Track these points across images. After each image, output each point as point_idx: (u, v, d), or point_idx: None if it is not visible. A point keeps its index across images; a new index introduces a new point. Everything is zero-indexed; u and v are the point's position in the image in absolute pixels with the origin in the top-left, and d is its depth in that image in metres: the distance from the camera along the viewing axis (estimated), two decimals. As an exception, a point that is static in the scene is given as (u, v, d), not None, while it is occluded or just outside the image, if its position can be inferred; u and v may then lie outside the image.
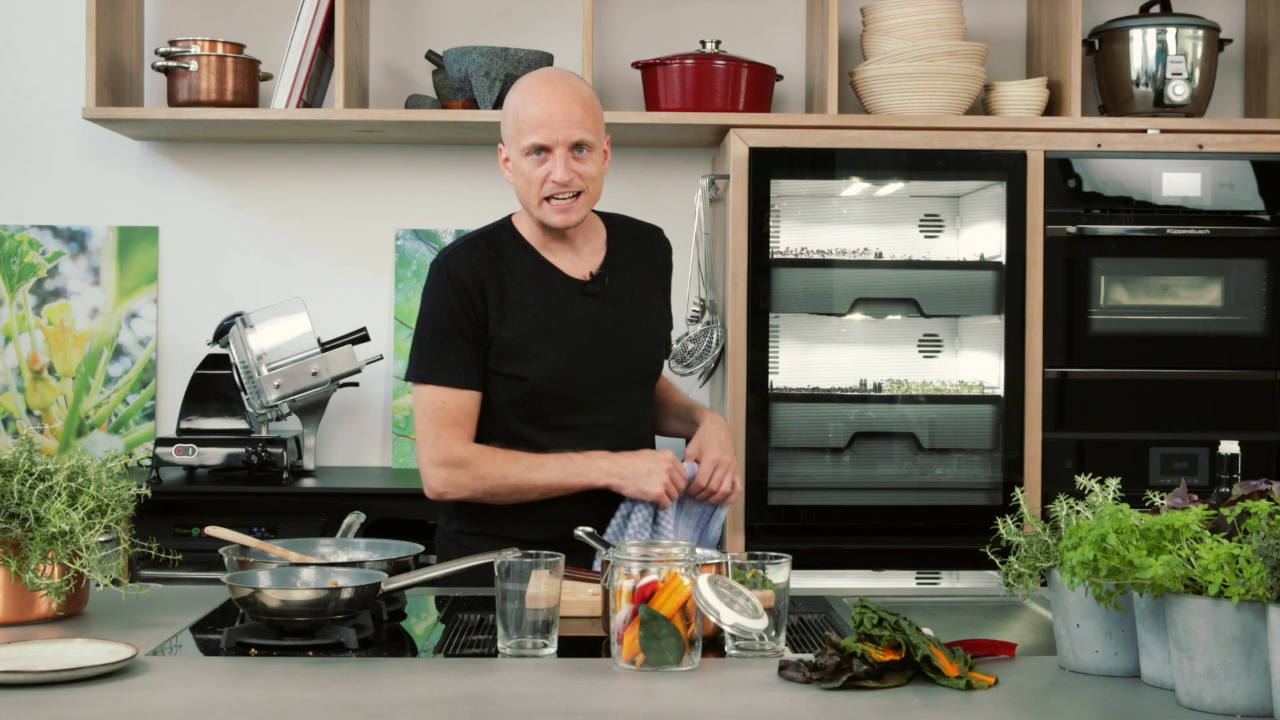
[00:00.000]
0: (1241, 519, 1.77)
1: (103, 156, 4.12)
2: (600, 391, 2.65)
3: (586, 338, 2.64)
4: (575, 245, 2.69)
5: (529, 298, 2.63)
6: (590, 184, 2.61)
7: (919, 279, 3.77)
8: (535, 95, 2.58)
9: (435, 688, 1.84)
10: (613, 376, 2.67)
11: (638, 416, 2.72)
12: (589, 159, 2.59)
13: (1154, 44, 3.81)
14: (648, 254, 2.80)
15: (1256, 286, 3.71)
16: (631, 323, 2.70)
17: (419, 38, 4.14)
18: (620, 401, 2.68)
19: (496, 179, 4.14)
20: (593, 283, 2.67)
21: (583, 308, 2.66)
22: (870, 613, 1.88)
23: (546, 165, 2.57)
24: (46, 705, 1.74)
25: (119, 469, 2.25)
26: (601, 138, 2.64)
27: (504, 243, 2.69)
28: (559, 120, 2.55)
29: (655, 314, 2.78)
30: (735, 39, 4.07)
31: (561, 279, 2.67)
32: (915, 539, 3.68)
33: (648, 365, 2.75)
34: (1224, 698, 1.71)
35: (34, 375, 4.08)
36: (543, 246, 2.68)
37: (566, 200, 2.59)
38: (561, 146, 2.55)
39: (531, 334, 2.61)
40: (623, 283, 2.71)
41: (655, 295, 2.79)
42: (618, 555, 1.96)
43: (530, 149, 2.57)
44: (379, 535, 2.74)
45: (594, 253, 2.72)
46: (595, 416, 2.64)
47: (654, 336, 2.77)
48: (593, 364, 2.64)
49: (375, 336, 4.03)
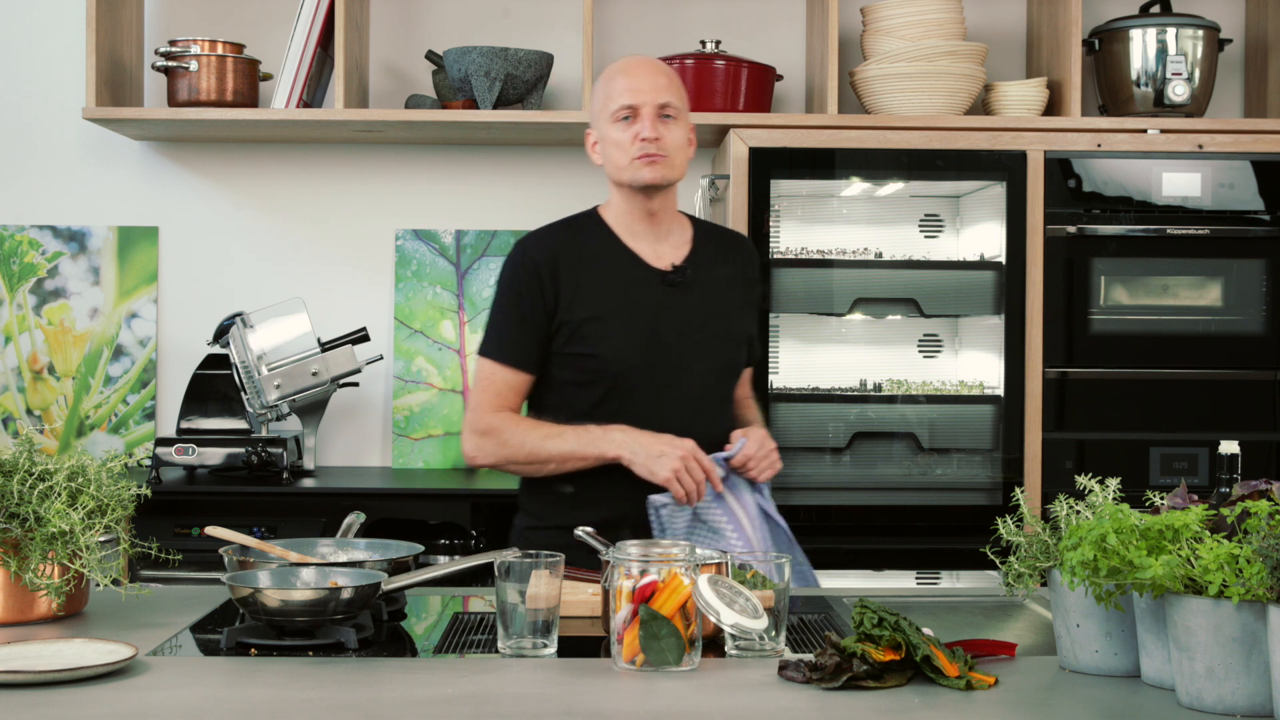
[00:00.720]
0: (1241, 519, 1.77)
1: (103, 156, 4.12)
2: (672, 381, 2.64)
3: (662, 324, 2.65)
4: (659, 235, 2.71)
5: (606, 281, 2.66)
6: (676, 152, 2.65)
7: (919, 279, 3.77)
8: (623, 67, 2.71)
9: (435, 688, 1.84)
10: (687, 367, 2.66)
11: (712, 415, 2.69)
12: (674, 127, 2.65)
13: (1154, 44, 3.81)
14: (733, 257, 2.81)
15: (1256, 286, 3.71)
16: (711, 317, 2.70)
17: (419, 38, 4.14)
18: (694, 396, 2.66)
19: (496, 179, 4.16)
20: (674, 273, 2.69)
21: (661, 296, 2.67)
22: (870, 613, 1.88)
23: (635, 126, 2.63)
24: (46, 705, 1.74)
25: (119, 469, 2.25)
26: (685, 110, 2.69)
27: (586, 229, 2.73)
28: (646, 86, 2.65)
29: (737, 314, 2.76)
30: (735, 39, 4.07)
31: (642, 266, 2.69)
32: (915, 539, 3.68)
33: (725, 362, 2.73)
34: (1224, 698, 1.71)
35: (34, 375, 4.08)
36: (626, 233, 2.71)
37: (655, 155, 2.63)
38: (649, 106, 2.63)
39: (604, 315, 2.63)
40: (705, 278, 2.72)
41: (739, 297, 2.78)
42: (618, 555, 1.96)
43: (619, 113, 2.64)
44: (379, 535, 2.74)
45: (677, 246, 2.73)
46: (665, 408, 2.63)
47: (733, 335, 2.75)
48: (666, 351, 2.64)
49: (375, 336, 4.03)
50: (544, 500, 2.69)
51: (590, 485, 2.63)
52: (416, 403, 4.10)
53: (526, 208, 4.13)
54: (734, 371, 2.77)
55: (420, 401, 4.10)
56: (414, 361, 4.10)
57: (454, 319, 4.11)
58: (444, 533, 3.64)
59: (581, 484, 2.63)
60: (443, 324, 4.11)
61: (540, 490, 2.70)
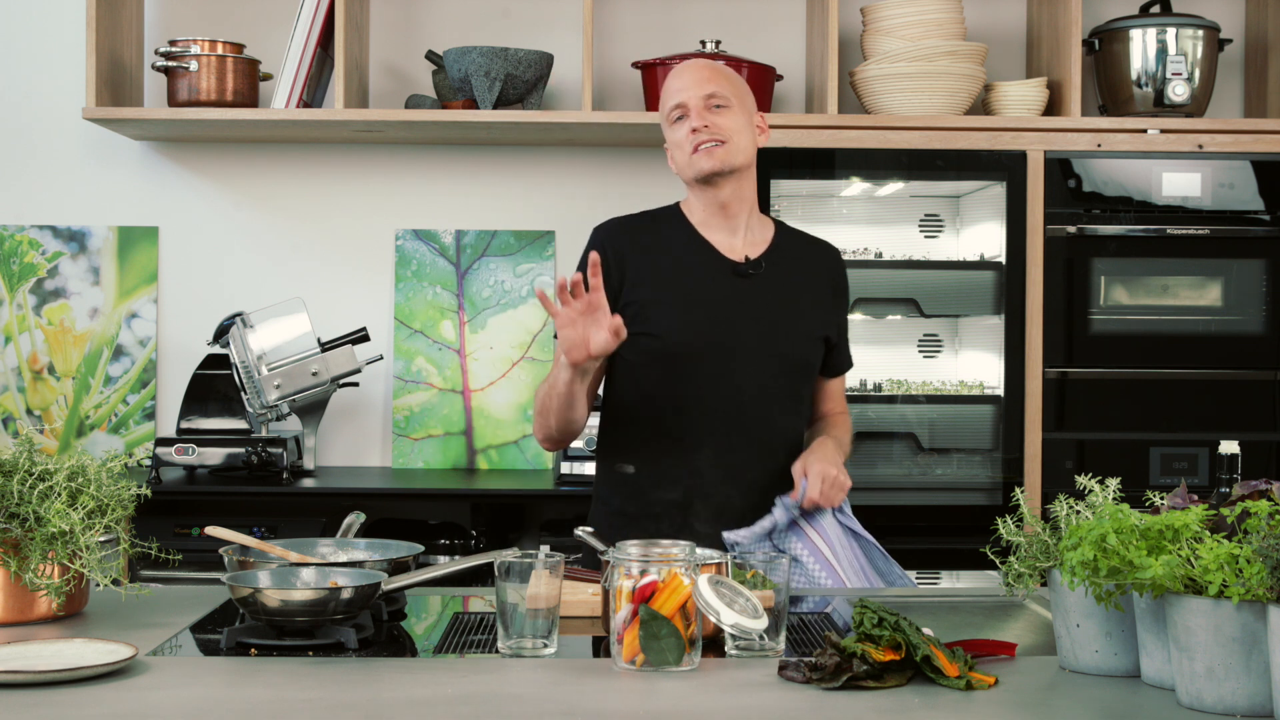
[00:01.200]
0: (1241, 519, 1.77)
1: (103, 156, 4.12)
2: (733, 370, 2.64)
3: (728, 311, 2.65)
4: (734, 228, 2.72)
5: (675, 265, 2.68)
6: (734, 136, 2.66)
7: (919, 279, 3.77)
8: (673, 72, 2.76)
9: (435, 688, 1.84)
10: (749, 358, 2.65)
11: (772, 411, 2.68)
12: (727, 114, 2.66)
13: (1154, 44, 3.81)
14: (818, 260, 2.80)
15: (1256, 286, 3.71)
16: (781, 312, 2.69)
17: (419, 38, 4.14)
18: (754, 387, 2.65)
19: (496, 179, 4.16)
20: (747, 264, 2.69)
21: (730, 285, 2.68)
22: (870, 613, 1.88)
23: (688, 122, 2.66)
24: (46, 705, 1.74)
25: (119, 469, 2.25)
26: (743, 101, 2.70)
27: (664, 219, 2.75)
28: (690, 82, 2.69)
29: (811, 312, 2.74)
30: (735, 39, 4.07)
31: (715, 255, 2.70)
32: (915, 539, 3.68)
33: (792, 358, 2.71)
34: (1224, 698, 1.71)
35: (34, 375, 4.08)
36: (702, 225, 2.72)
37: (710, 144, 2.64)
38: (695, 99, 2.66)
39: (671, 297, 2.65)
40: (780, 274, 2.72)
41: (817, 297, 2.76)
42: (618, 555, 1.96)
43: (673, 114, 2.68)
44: (379, 535, 2.74)
45: (755, 243, 2.73)
46: (723, 395, 2.63)
47: (804, 332, 2.73)
48: (730, 337, 2.64)
49: (375, 336, 4.03)
50: (609, 482, 2.72)
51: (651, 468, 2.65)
52: (416, 403, 4.10)
53: (526, 208, 4.14)
54: (802, 370, 2.74)
55: (420, 401, 4.10)
56: (414, 361, 4.10)
57: (454, 319, 4.11)
58: (444, 533, 3.64)
59: (643, 465, 2.66)
60: (443, 324, 4.11)
61: (604, 472, 2.74)
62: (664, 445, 2.64)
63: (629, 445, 2.68)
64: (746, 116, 2.71)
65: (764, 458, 2.65)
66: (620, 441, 2.70)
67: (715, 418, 2.63)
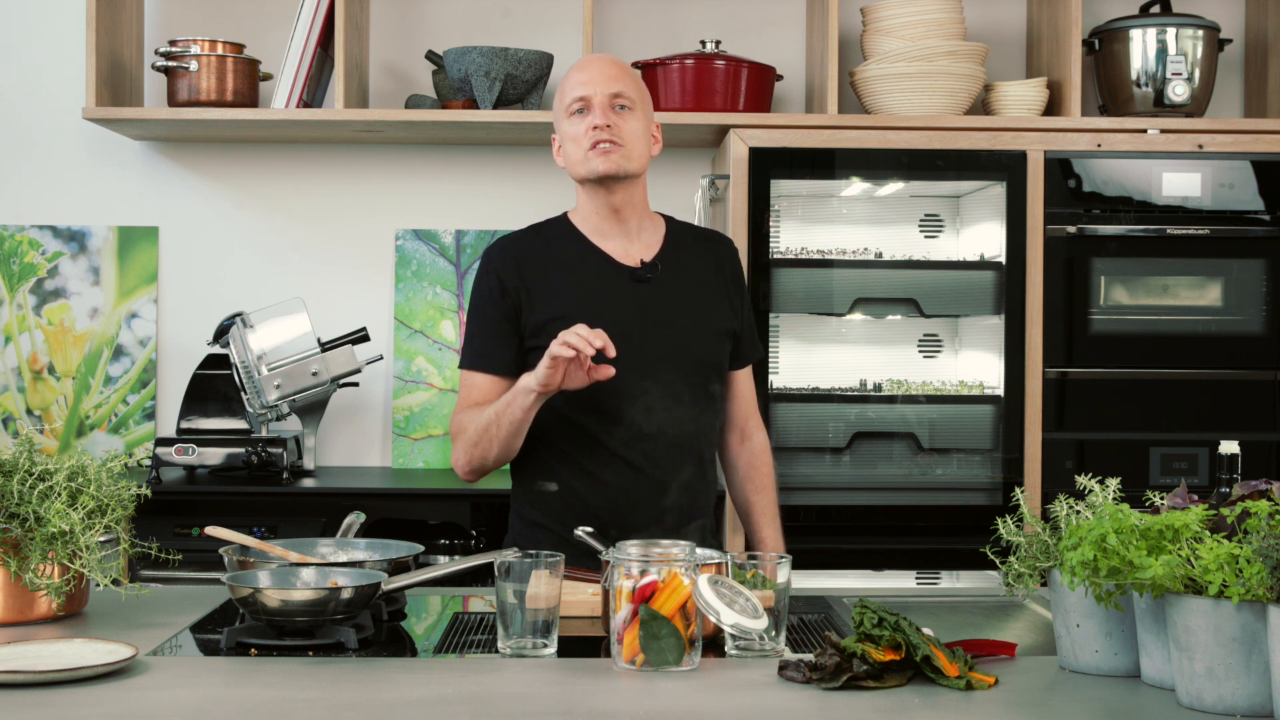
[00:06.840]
0: (1241, 519, 1.77)
1: (103, 156, 4.12)
2: (643, 375, 2.61)
3: (631, 320, 2.61)
4: (628, 233, 2.69)
5: (572, 280, 2.65)
6: (632, 141, 2.62)
7: (919, 279, 3.77)
8: (577, 64, 2.71)
9: (435, 688, 1.84)
10: (658, 362, 2.62)
11: (687, 411, 2.66)
12: (629, 116, 2.63)
13: (1154, 44, 3.81)
14: (709, 254, 2.77)
15: (1256, 286, 3.71)
16: (681, 311, 2.67)
17: (419, 38, 4.14)
18: (667, 390, 2.63)
19: (496, 179, 4.16)
20: (643, 269, 2.67)
21: (630, 292, 2.65)
22: (870, 613, 1.88)
23: (588, 118, 2.62)
24: (46, 705, 1.74)
25: (119, 469, 2.25)
26: (645, 106, 2.67)
27: (553, 232, 2.72)
28: (597, 77, 2.64)
29: (713, 309, 2.72)
30: (735, 39, 4.07)
31: (610, 264, 2.67)
32: (915, 539, 3.68)
33: (703, 357, 2.69)
34: (1224, 698, 1.71)
35: (34, 375, 4.08)
36: (595, 233, 2.68)
37: (607, 145, 2.60)
38: (600, 96, 2.61)
39: (572, 314, 2.59)
40: (677, 275, 2.69)
41: (716, 292, 2.74)
42: (618, 555, 1.96)
43: (573, 106, 2.63)
44: (379, 535, 2.74)
45: (649, 245, 2.70)
46: (637, 402, 2.60)
47: (708, 329, 2.71)
48: (638, 346, 2.60)
49: (375, 336, 4.03)
50: (529, 499, 2.67)
51: (575, 485, 2.61)
52: (416, 403, 4.10)
53: (526, 208, 4.12)
54: (713, 368, 2.72)
55: (420, 401, 4.10)
56: (414, 361, 4.10)
57: (454, 319, 4.11)
58: (444, 533, 3.64)
59: (565, 482, 2.62)
60: (443, 324, 4.11)
61: (522, 491, 2.69)
62: (582, 459, 2.60)
63: (545, 464, 2.64)
64: (646, 122, 2.67)
65: (682, 459, 2.63)
66: (537, 461, 2.65)
67: (630, 426, 2.59)
